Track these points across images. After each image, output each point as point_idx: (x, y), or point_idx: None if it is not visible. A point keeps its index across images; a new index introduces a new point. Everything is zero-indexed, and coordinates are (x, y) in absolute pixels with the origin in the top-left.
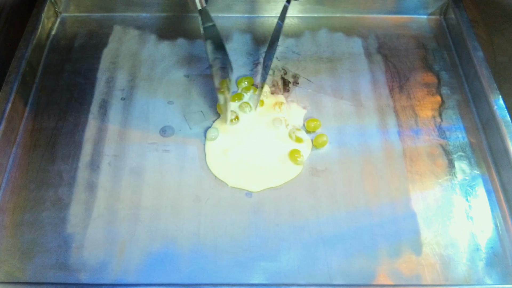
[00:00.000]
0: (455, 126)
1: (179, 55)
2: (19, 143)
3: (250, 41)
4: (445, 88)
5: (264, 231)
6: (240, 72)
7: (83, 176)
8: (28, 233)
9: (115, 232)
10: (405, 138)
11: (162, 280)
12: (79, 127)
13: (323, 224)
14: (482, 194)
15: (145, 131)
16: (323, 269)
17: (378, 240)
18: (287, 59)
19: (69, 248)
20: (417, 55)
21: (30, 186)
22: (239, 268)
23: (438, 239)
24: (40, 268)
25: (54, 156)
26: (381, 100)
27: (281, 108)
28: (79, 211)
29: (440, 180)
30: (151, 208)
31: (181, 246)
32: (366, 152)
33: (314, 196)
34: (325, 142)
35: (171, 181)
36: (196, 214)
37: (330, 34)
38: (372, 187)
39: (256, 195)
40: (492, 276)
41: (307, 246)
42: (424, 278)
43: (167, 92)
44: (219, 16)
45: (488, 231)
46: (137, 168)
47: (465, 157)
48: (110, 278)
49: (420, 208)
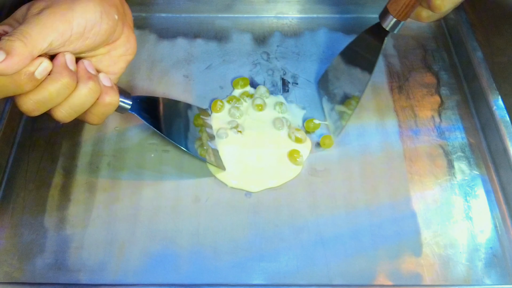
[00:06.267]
0: (454, 127)
1: (179, 55)
2: (19, 143)
3: (250, 41)
4: (445, 89)
5: (263, 232)
6: (238, 73)
7: (82, 176)
8: (27, 233)
9: (114, 232)
10: (404, 138)
11: (162, 280)
12: (78, 127)
13: (322, 225)
14: (482, 195)
15: (144, 131)
16: (323, 269)
17: (378, 241)
18: (286, 59)
19: (68, 248)
20: (417, 55)
21: (29, 186)
22: (238, 268)
23: (438, 239)
24: (39, 269)
25: (53, 156)
26: (380, 100)
27: (281, 109)
28: (79, 211)
29: (440, 180)
30: (151, 208)
31: (180, 246)
32: (366, 153)
33: (314, 196)
34: (331, 143)
35: (170, 182)
36: (195, 214)
37: (330, 34)
38: (372, 188)
39: (255, 196)
40: (492, 276)
41: (306, 247)
42: (424, 279)
43: (167, 92)
44: (219, 16)
45: (487, 232)
46: (136, 168)
47: (465, 158)
48: (110, 278)
49: (419, 208)
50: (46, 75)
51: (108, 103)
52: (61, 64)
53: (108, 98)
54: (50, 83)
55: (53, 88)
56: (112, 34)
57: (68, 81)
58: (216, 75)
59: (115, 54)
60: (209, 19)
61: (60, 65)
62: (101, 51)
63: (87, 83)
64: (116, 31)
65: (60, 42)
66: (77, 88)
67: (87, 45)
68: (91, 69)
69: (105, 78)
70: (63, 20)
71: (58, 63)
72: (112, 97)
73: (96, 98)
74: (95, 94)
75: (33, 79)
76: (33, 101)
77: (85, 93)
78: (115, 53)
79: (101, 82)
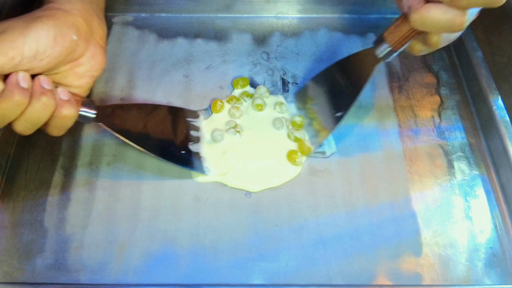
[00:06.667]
0: (454, 127)
1: (178, 55)
2: (19, 143)
3: (250, 41)
4: (444, 89)
5: (263, 231)
6: (238, 73)
7: (82, 176)
8: (27, 233)
9: (114, 232)
10: (404, 138)
11: (162, 280)
12: (78, 127)
13: (322, 224)
14: (481, 195)
15: None
16: (323, 269)
17: (378, 240)
18: (286, 59)
19: (68, 248)
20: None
21: (29, 186)
22: (238, 268)
23: (437, 239)
24: (39, 269)
25: (53, 156)
26: (380, 100)
27: (281, 109)
28: (79, 211)
29: (440, 180)
30: (151, 208)
31: (180, 246)
32: (366, 153)
33: (314, 196)
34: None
35: (170, 182)
36: (195, 214)
37: (330, 34)
38: (372, 188)
39: (255, 195)
40: (491, 276)
41: (306, 246)
42: (424, 279)
43: (166, 92)
44: (218, 16)
45: (487, 231)
46: (136, 168)
47: (464, 158)
48: (110, 278)
49: (419, 208)
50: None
51: (64, 115)
52: (12, 83)
53: (64, 111)
54: (2, 101)
55: (5, 106)
56: (71, 54)
57: (18, 98)
58: (216, 75)
59: (79, 70)
60: (209, 19)
61: (11, 84)
62: (64, 68)
63: (40, 99)
64: (76, 51)
65: (11, 66)
66: (30, 103)
67: (43, 66)
68: (46, 85)
69: (63, 92)
70: (12, 47)
71: (10, 82)
72: (68, 110)
73: (51, 111)
74: (49, 108)
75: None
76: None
77: (39, 108)
78: (79, 70)
79: (58, 96)
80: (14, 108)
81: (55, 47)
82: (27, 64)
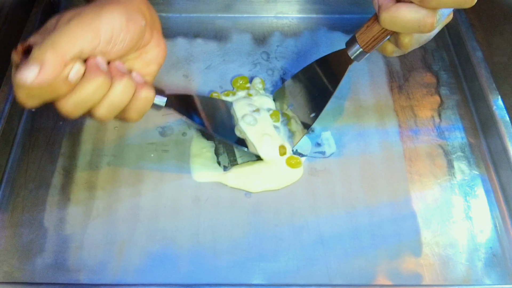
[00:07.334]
0: (454, 126)
1: (179, 55)
2: (18, 143)
3: (250, 41)
4: (444, 88)
5: (263, 231)
6: (238, 73)
7: (82, 176)
8: (27, 233)
9: (114, 232)
10: (404, 138)
11: (162, 280)
12: (78, 127)
13: (322, 224)
14: (481, 194)
15: (144, 131)
16: (322, 269)
17: (377, 240)
18: (286, 59)
19: (68, 248)
20: (416, 55)
21: (29, 186)
22: (238, 268)
23: (437, 239)
24: (39, 269)
25: (53, 156)
26: (380, 100)
27: (277, 118)
28: (78, 211)
29: (440, 180)
30: (150, 208)
31: (180, 246)
32: (365, 152)
33: (314, 196)
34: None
35: (170, 182)
36: (195, 214)
37: (330, 34)
38: (371, 187)
39: (255, 195)
40: (491, 276)
41: (306, 246)
42: (424, 278)
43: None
44: (218, 16)
45: (487, 231)
46: (136, 168)
47: (464, 157)
48: (109, 278)
49: (419, 208)
50: (79, 78)
51: (144, 97)
52: (93, 65)
53: (144, 93)
54: (85, 84)
55: (89, 88)
56: (140, 40)
57: (102, 79)
58: (216, 75)
59: (146, 58)
60: (209, 19)
61: (92, 66)
62: (132, 56)
63: (121, 80)
64: (144, 37)
65: (90, 49)
66: (112, 85)
67: (116, 52)
68: (122, 69)
69: (137, 76)
70: (91, 28)
71: (90, 65)
72: (147, 91)
73: (132, 93)
74: (131, 89)
75: (67, 83)
76: (71, 103)
77: (121, 89)
78: (146, 57)
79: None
80: (98, 91)
81: (128, 32)
82: (104, 48)
